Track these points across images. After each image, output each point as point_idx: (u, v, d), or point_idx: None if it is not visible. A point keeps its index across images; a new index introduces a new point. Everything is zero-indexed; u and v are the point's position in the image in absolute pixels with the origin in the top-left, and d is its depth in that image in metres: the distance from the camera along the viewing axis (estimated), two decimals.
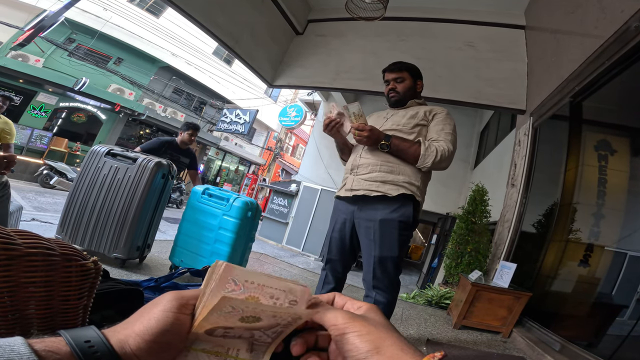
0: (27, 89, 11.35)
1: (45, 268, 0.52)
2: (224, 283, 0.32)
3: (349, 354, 0.33)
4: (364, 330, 0.33)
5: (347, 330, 0.34)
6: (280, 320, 0.35)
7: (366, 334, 0.33)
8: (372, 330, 0.33)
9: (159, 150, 3.62)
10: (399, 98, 1.90)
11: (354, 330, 0.33)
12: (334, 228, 1.87)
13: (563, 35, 3.07)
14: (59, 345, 0.28)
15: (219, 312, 0.31)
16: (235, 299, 0.31)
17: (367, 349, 0.32)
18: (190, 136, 3.82)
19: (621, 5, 2.19)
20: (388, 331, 0.34)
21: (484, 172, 6.88)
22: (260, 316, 0.33)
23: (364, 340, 0.33)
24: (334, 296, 0.42)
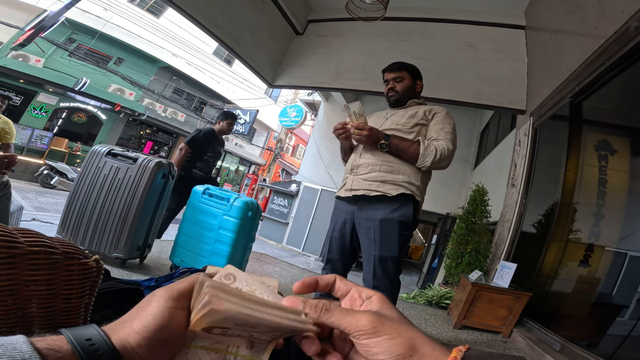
0: (27, 89, 11.36)
1: (47, 266, 0.52)
2: (209, 318, 0.31)
3: (377, 357, 0.32)
4: (394, 332, 0.32)
5: (376, 335, 0.32)
6: (278, 332, 0.35)
7: (397, 337, 0.32)
8: (403, 332, 0.32)
9: (208, 143, 3.69)
10: (398, 97, 1.90)
11: (385, 334, 0.32)
12: (334, 228, 1.87)
13: (563, 35, 3.08)
14: (61, 344, 0.28)
15: (209, 319, 0.31)
16: (224, 318, 0.31)
17: (400, 351, 0.31)
18: (229, 125, 3.83)
19: (621, 5, 2.19)
20: (413, 329, 0.34)
21: (484, 172, 6.88)
22: (255, 328, 0.33)
23: (396, 343, 0.32)
24: (334, 279, 0.40)
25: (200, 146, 3.66)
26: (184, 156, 3.56)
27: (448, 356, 0.31)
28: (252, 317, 0.32)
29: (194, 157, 3.66)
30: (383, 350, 0.32)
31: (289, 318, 0.34)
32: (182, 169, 3.58)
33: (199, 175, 3.74)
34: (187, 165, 3.62)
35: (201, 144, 3.66)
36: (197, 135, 3.70)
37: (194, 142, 3.61)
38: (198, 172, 3.72)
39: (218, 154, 3.89)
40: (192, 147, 3.59)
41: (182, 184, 3.54)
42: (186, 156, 3.58)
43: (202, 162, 3.73)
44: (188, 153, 3.58)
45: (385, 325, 0.33)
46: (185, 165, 3.60)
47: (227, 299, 0.31)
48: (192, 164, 3.65)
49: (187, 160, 3.60)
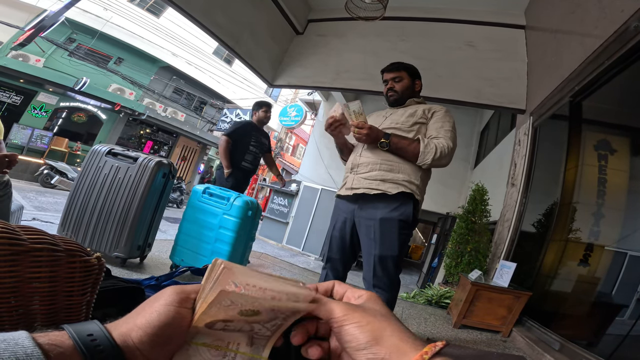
0: (27, 88, 11.35)
1: (49, 263, 0.52)
2: (224, 285, 0.32)
3: (348, 345, 0.33)
4: (363, 320, 0.33)
5: (346, 321, 0.34)
6: (279, 314, 0.35)
7: (365, 325, 0.33)
8: (371, 321, 0.33)
9: (248, 133, 3.65)
10: (397, 97, 1.91)
11: (353, 322, 0.33)
12: (334, 227, 1.88)
13: (563, 34, 3.08)
14: (63, 339, 0.29)
15: (218, 305, 0.32)
16: (234, 292, 0.31)
17: (366, 339, 0.32)
18: (266, 113, 3.79)
19: (621, 5, 2.19)
20: (387, 320, 0.34)
21: (484, 171, 6.88)
22: (259, 309, 0.34)
23: (363, 330, 0.33)
24: (333, 284, 0.41)
25: (241, 137, 3.62)
26: (227, 147, 3.51)
27: (419, 351, 0.31)
28: (258, 287, 0.33)
29: (240, 149, 3.61)
30: (352, 338, 0.33)
31: (291, 284, 0.36)
32: (232, 162, 3.55)
33: (249, 168, 3.71)
34: (236, 158, 3.58)
35: (241, 134, 3.62)
36: (237, 125, 3.69)
37: (233, 133, 3.58)
38: (247, 164, 3.67)
39: (262, 144, 3.82)
40: (232, 138, 3.55)
41: (235, 177, 3.57)
42: (229, 147, 3.53)
43: (249, 153, 3.67)
44: (229, 144, 3.53)
45: (355, 314, 0.34)
46: (235, 158, 3.57)
47: (238, 270, 0.33)
48: (240, 156, 3.60)
49: (234, 152, 3.57)
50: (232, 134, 3.58)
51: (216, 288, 0.32)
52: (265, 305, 0.33)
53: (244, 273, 0.33)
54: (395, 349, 0.31)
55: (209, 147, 18.14)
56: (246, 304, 0.33)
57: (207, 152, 18.36)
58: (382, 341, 0.32)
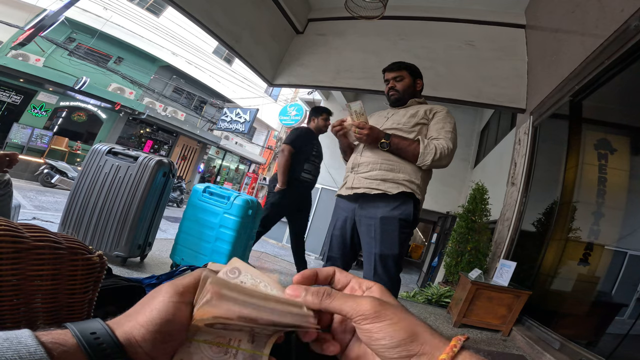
0: (27, 88, 11.35)
1: (52, 261, 0.52)
2: (212, 313, 0.32)
3: (378, 342, 0.32)
4: (396, 317, 0.33)
5: (377, 319, 0.33)
6: (278, 325, 0.35)
7: (399, 322, 0.32)
8: (404, 318, 0.33)
9: (309, 142, 3.37)
10: (398, 96, 1.91)
11: (386, 319, 0.33)
12: (335, 226, 1.88)
13: (563, 34, 3.08)
14: (66, 337, 0.29)
15: (211, 320, 0.32)
16: (226, 317, 0.32)
17: (402, 337, 0.32)
18: (325, 121, 3.45)
19: (621, 4, 2.19)
20: (414, 317, 0.34)
21: (484, 170, 6.88)
22: (256, 323, 0.34)
23: (398, 328, 0.32)
24: (334, 271, 0.41)
25: (303, 146, 3.30)
26: (289, 157, 3.18)
27: (447, 344, 0.31)
28: (252, 316, 0.33)
29: (301, 159, 3.27)
30: (385, 336, 0.32)
31: (292, 312, 0.35)
32: (292, 172, 3.22)
33: (309, 179, 3.39)
34: (296, 169, 3.25)
35: (303, 143, 3.30)
36: (299, 133, 3.35)
37: (297, 142, 3.25)
38: (307, 175, 3.35)
39: (321, 154, 3.53)
40: (295, 146, 3.23)
41: (293, 190, 3.26)
42: (290, 157, 3.19)
43: (309, 163, 3.35)
44: (291, 154, 3.21)
45: (387, 311, 0.33)
46: (295, 169, 3.24)
47: (229, 297, 0.32)
48: (300, 166, 3.27)
49: (293, 163, 3.23)
50: (295, 143, 3.24)
51: (205, 313, 0.32)
52: (262, 318, 0.33)
53: (235, 297, 0.32)
54: (430, 345, 0.31)
55: (209, 147, 18.15)
56: (241, 319, 0.33)
57: (207, 151, 18.36)
58: (418, 337, 0.32)
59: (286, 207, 3.25)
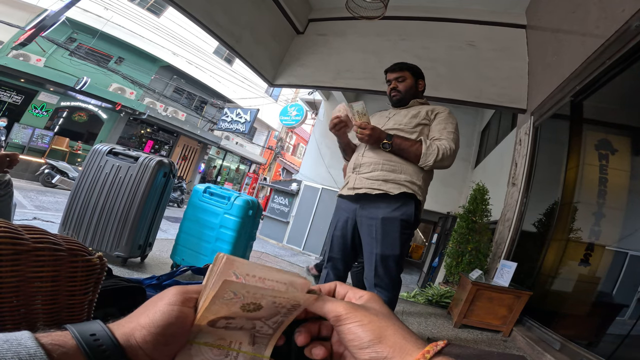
0: (28, 88, 11.36)
1: (52, 263, 0.52)
2: (225, 276, 0.33)
3: (350, 344, 0.33)
4: (366, 319, 0.33)
5: (348, 320, 0.34)
6: (280, 308, 0.36)
7: (368, 323, 0.33)
8: (374, 320, 0.34)
9: None
10: (400, 97, 1.91)
11: (355, 320, 0.33)
12: (336, 226, 1.88)
13: (564, 34, 3.07)
14: (65, 339, 0.29)
15: (220, 299, 0.32)
16: (236, 282, 0.32)
17: (369, 338, 0.32)
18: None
19: (622, 4, 2.19)
20: (389, 320, 0.34)
21: (485, 171, 6.88)
22: (260, 302, 0.34)
23: (366, 329, 0.33)
24: (335, 285, 0.42)
25: None
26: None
27: (421, 349, 0.31)
28: (258, 277, 0.35)
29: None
30: (354, 337, 0.33)
31: (289, 274, 0.37)
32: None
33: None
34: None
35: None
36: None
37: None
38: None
39: None
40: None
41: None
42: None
43: None
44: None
45: (357, 313, 0.34)
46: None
47: (239, 262, 0.34)
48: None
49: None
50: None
51: (218, 280, 0.33)
52: (266, 297, 0.34)
53: (244, 265, 0.34)
54: (398, 348, 0.31)
55: (210, 147, 18.15)
56: (247, 296, 0.33)
57: (208, 151, 18.37)
58: (385, 340, 0.32)
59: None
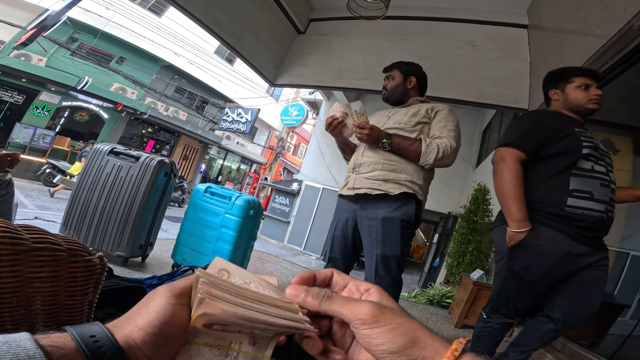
0: (29, 88, 11.38)
1: (51, 263, 0.52)
2: (205, 309, 0.31)
3: (378, 348, 0.32)
4: (395, 323, 0.32)
5: (376, 324, 0.32)
6: (274, 327, 0.35)
7: (398, 327, 0.32)
8: (403, 323, 0.33)
9: (563, 134, 2.16)
10: (387, 95, 1.92)
11: (385, 324, 0.32)
12: (336, 227, 1.87)
13: (566, 34, 3.06)
14: (65, 341, 0.29)
15: (206, 318, 0.32)
16: (220, 315, 0.31)
17: (401, 342, 0.31)
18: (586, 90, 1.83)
19: (624, 4, 2.18)
20: (413, 320, 0.34)
21: (486, 171, 6.85)
22: (253, 325, 0.34)
23: (398, 333, 0.32)
24: (332, 273, 0.40)
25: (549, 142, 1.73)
26: (516, 169, 1.75)
27: (448, 348, 0.31)
28: (247, 316, 0.33)
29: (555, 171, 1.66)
30: (384, 341, 0.32)
31: (285, 316, 0.34)
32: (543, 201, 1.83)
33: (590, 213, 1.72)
34: (550, 193, 1.80)
35: (548, 136, 1.68)
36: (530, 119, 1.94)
37: (529, 137, 1.75)
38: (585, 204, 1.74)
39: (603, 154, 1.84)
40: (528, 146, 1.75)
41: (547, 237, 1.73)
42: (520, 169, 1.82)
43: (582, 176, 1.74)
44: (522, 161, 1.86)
45: (386, 315, 0.33)
46: (545, 194, 1.76)
47: (222, 297, 0.32)
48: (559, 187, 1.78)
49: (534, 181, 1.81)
50: (525, 140, 1.79)
51: (197, 309, 0.31)
52: (259, 325, 0.33)
53: (228, 298, 0.32)
54: (431, 349, 0.31)
55: (211, 146, 18.17)
56: (237, 320, 0.32)
57: (209, 151, 18.39)
58: (418, 342, 0.31)
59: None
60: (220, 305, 0.32)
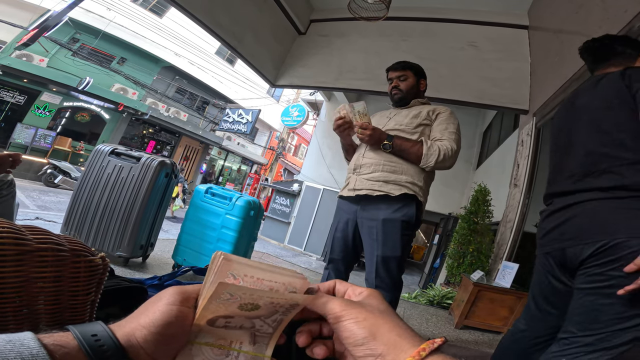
0: (31, 88, 11.41)
1: (54, 263, 0.53)
2: (222, 277, 0.33)
3: (346, 341, 0.33)
4: (360, 316, 0.33)
5: (343, 317, 0.34)
6: (278, 307, 0.36)
7: (362, 320, 0.33)
8: (369, 316, 0.34)
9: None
10: (402, 96, 1.90)
11: (350, 317, 0.33)
12: (336, 228, 1.87)
13: (566, 35, 3.07)
14: (67, 340, 0.29)
15: (217, 299, 0.32)
16: (233, 284, 0.32)
17: (363, 335, 0.32)
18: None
19: (624, 5, 2.18)
20: (386, 316, 0.34)
21: (487, 172, 6.86)
22: (258, 303, 0.34)
23: (360, 326, 0.33)
24: (335, 283, 0.42)
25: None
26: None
27: (417, 347, 0.31)
28: (255, 278, 0.34)
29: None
30: (349, 335, 0.33)
31: (288, 274, 0.37)
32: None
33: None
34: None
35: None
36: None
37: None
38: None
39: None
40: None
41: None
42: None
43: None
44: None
45: (353, 310, 0.34)
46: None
47: (236, 261, 0.34)
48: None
49: None
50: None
51: (215, 280, 0.33)
52: (263, 298, 0.34)
53: (242, 264, 0.34)
54: (392, 345, 0.31)
55: (211, 147, 18.19)
56: (244, 297, 0.33)
57: (210, 151, 18.40)
58: (379, 337, 0.32)
59: None
60: (234, 266, 0.34)
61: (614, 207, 1.04)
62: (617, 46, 1.30)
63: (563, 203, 1.19)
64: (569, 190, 1.19)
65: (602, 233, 1.02)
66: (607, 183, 1.06)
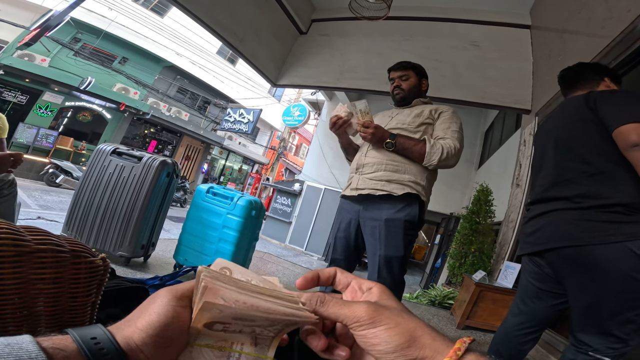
0: (33, 88, 11.44)
1: (54, 264, 0.52)
2: (209, 298, 0.31)
3: (374, 348, 0.32)
4: (392, 322, 0.32)
5: (373, 325, 0.32)
6: (277, 323, 0.35)
7: (395, 327, 0.32)
8: (400, 322, 0.32)
9: None
10: (404, 95, 1.90)
11: (381, 325, 0.32)
12: (339, 227, 1.87)
13: (569, 34, 3.05)
14: (66, 343, 0.29)
15: (208, 313, 0.31)
16: (222, 305, 0.31)
17: (398, 342, 0.31)
18: None
19: (628, 4, 2.17)
20: (412, 318, 0.33)
21: (489, 172, 6.85)
22: (254, 319, 0.33)
23: (394, 333, 0.31)
24: (335, 272, 0.40)
25: None
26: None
27: (451, 347, 0.30)
28: (249, 305, 0.32)
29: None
30: (381, 341, 0.31)
31: (286, 306, 0.34)
32: None
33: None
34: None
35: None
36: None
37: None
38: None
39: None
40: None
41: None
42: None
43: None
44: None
45: (382, 316, 0.33)
46: None
47: (223, 287, 0.32)
48: None
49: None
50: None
51: (200, 301, 0.31)
52: (259, 319, 0.33)
53: (231, 291, 0.32)
54: (430, 349, 0.31)
55: (213, 147, 18.21)
56: (238, 314, 0.32)
57: (211, 151, 18.43)
58: (416, 342, 0.31)
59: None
60: (222, 292, 0.31)
61: (574, 218, 1.25)
62: (584, 72, 1.48)
63: (538, 211, 1.40)
64: (542, 198, 1.40)
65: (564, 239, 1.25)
66: (571, 192, 1.27)
